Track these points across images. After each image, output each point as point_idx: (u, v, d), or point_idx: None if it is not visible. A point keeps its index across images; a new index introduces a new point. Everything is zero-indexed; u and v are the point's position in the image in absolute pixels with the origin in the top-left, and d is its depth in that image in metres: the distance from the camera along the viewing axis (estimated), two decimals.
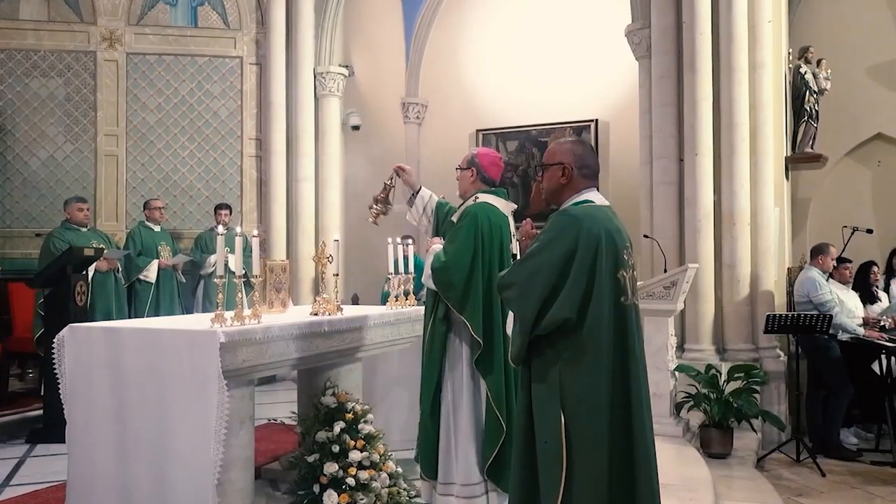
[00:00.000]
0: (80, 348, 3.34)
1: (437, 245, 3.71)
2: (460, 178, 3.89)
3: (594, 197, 2.70)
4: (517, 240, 3.34)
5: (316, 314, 3.89)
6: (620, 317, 2.55)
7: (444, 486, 3.66)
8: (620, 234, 2.62)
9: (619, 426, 2.49)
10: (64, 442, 3.37)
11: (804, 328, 6.01)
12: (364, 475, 3.61)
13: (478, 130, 11.22)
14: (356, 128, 9.62)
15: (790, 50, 7.91)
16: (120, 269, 7.05)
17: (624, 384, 2.52)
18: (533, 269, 2.53)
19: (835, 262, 6.71)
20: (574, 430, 2.46)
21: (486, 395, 3.57)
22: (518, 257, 3.13)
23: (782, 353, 6.79)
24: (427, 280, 3.66)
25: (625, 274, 2.59)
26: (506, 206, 3.83)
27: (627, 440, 2.50)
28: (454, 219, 3.78)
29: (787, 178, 7.68)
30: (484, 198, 3.75)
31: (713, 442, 5.59)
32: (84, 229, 6.75)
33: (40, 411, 5.67)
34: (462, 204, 3.81)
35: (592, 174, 2.75)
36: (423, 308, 4.03)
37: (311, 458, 3.62)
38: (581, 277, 2.48)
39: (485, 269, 3.58)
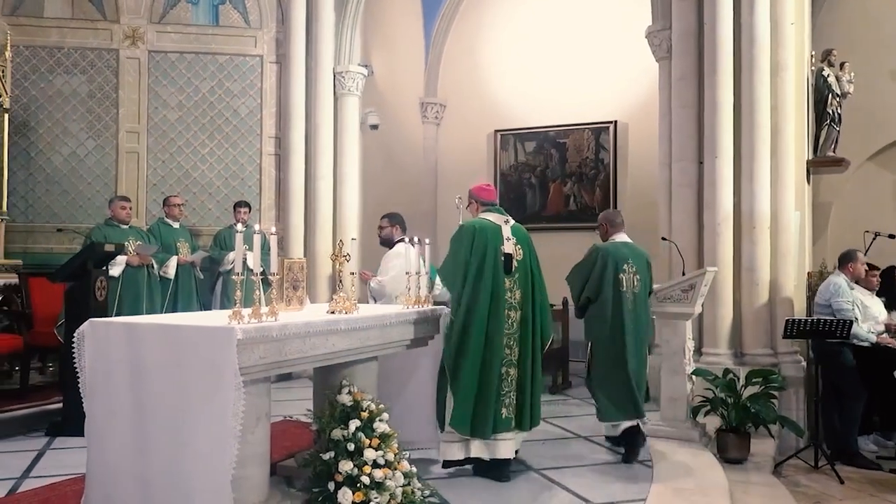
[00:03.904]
0: (100, 343, 3.38)
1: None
2: (470, 212, 4.95)
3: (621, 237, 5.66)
4: (513, 243, 4.73)
5: (333, 312, 3.90)
6: (618, 296, 5.27)
7: (446, 434, 4.58)
8: (627, 254, 5.46)
9: (615, 346, 5.22)
10: (83, 435, 3.41)
11: (824, 333, 5.94)
12: (378, 474, 3.62)
13: (496, 131, 11.21)
14: (374, 127, 9.65)
15: (813, 52, 7.83)
16: (155, 266, 7.13)
17: (618, 329, 5.24)
18: (575, 274, 5.53)
19: (866, 266, 6.61)
20: (595, 348, 5.34)
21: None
22: (511, 256, 4.68)
23: (801, 359, 6.72)
24: (440, 285, 4.97)
25: (622, 276, 5.32)
26: (497, 218, 4.81)
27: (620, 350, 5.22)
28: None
29: (808, 181, 7.60)
30: (482, 216, 4.83)
31: (730, 447, 5.54)
32: (125, 226, 6.99)
33: (60, 404, 5.74)
34: None
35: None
36: (438, 308, 4.76)
37: (326, 456, 3.64)
38: (596, 278, 5.33)
39: (472, 262, 4.58)
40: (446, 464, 4.66)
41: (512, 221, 4.83)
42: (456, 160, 11.43)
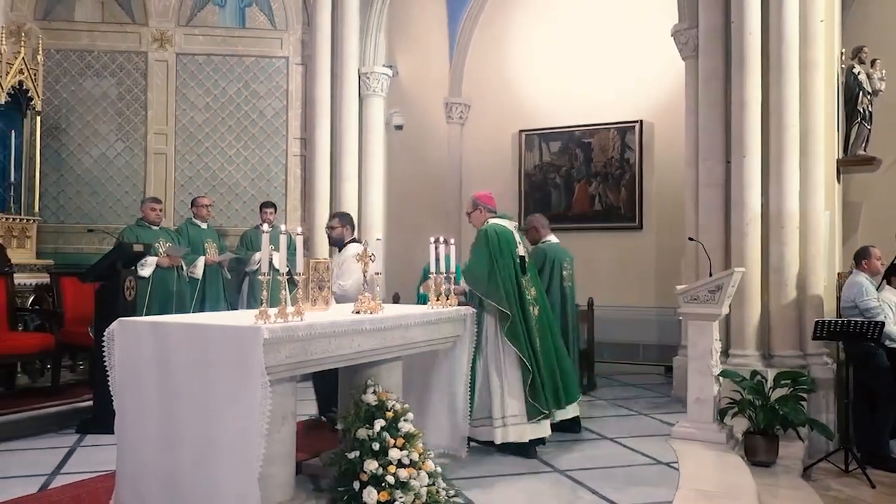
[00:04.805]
0: (128, 342, 3.42)
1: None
2: (473, 218, 5.42)
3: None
4: (523, 246, 5.34)
5: (358, 312, 3.92)
6: (563, 290, 6.15)
7: (478, 420, 5.03)
8: (563, 253, 6.28)
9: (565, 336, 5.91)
10: (113, 432, 3.46)
11: (854, 335, 5.85)
12: (403, 473, 3.63)
13: (520, 131, 11.19)
14: (399, 127, 9.67)
15: (843, 50, 7.71)
16: (184, 267, 7.22)
17: (567, 320, 6.12)
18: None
19: (882, 262, 6.53)
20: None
21: (515, 352, 5.02)
22: (525, 259, 5.28)
23: (831, 361, 6.62)
24: (464, 284, 5.23)
25: (564, 273, 6.16)
26: (509, 223, 5.36)
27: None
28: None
29: (838, 180, 7.48)
30: (492, 221, 5.30)
31: (758, 450, 5.47)
32: (155, 227, 7.11)
33: (90, 402, 5.83)
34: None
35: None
36: (463, 308, 4.80)
37: (351, 455, 3.66)
38: (546, 276, 5.99)
39: (500, 265, 5.06)
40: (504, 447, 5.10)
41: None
42: (480, 160, 11.42)
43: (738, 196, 6.64)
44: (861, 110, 7.69)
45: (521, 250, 5.28)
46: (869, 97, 7.72)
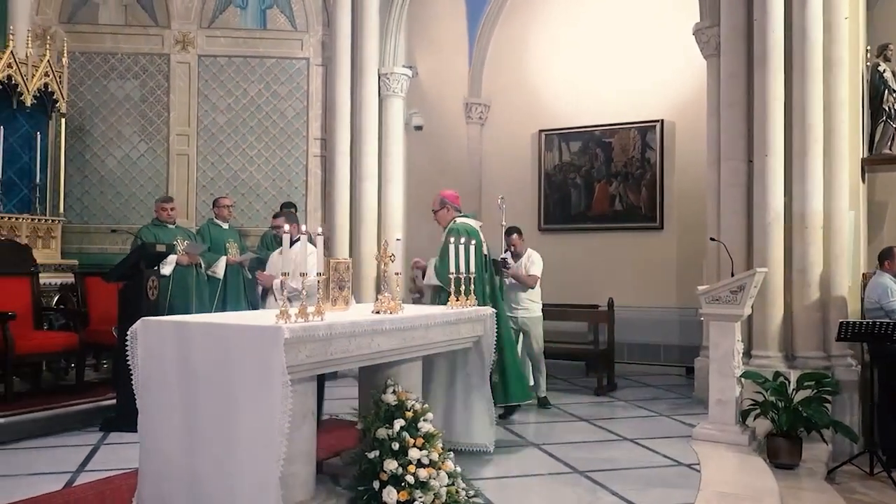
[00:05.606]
0: (151, 341, 3.46)
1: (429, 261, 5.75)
2: (440, 216, 5.74)
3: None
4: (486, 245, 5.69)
5: (378, 312, 3.93)
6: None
7: None
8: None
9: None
10: (136, 431, 3.50)
11: (880, 336, 5.77)
12: (423, 473, 3.64)
13: (540, 131, 11.16)
14: (419, 128, 9.68)
15: (868, 47, 7.60)
16: (202, 264, 7.29)
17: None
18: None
19: None
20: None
21: None
22: (489, 256, 5.72)
23: (855, 362, 6.54)
24: (430, 279, 5.58)
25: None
26: (475, 222, 5.70)
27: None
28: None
29: (863, 180, 7.38)
30: (459, 220, 5.60)
31: (781, 452, 5.41)
32: (171, 226, 7.17)
33: (114, 400, 5.89)
34: (445, 227, 5.69)
35: None
36: (483, 308, 4.87)
37: (371, 455, 3.67)
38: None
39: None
40: None
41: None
42: (500, 160, 11.41)
43: (761, 196, 6.58)
44: (886, 109, 7.58)
45: (485, 249, 5.62)
46: (895, 95, 7.62)
